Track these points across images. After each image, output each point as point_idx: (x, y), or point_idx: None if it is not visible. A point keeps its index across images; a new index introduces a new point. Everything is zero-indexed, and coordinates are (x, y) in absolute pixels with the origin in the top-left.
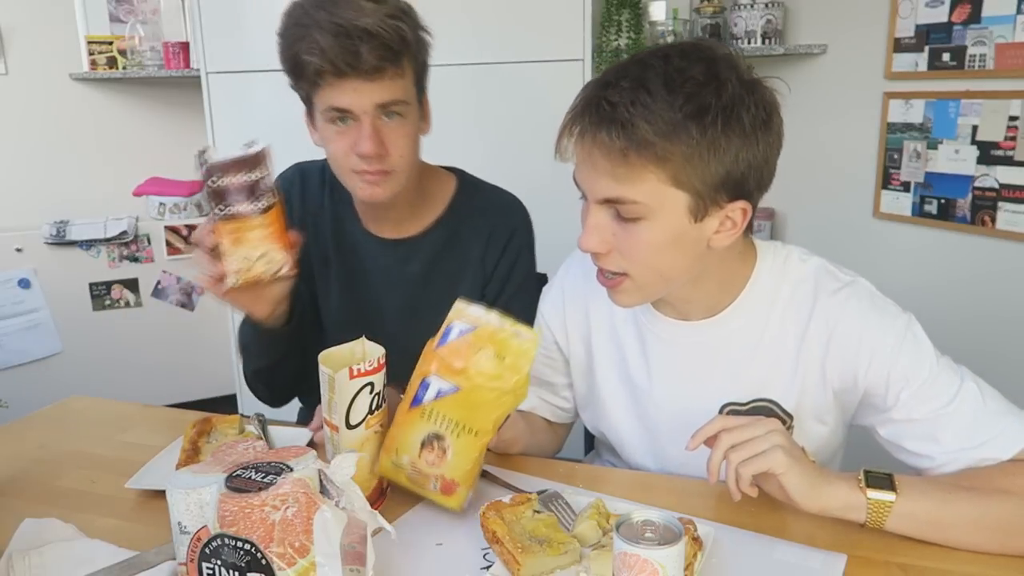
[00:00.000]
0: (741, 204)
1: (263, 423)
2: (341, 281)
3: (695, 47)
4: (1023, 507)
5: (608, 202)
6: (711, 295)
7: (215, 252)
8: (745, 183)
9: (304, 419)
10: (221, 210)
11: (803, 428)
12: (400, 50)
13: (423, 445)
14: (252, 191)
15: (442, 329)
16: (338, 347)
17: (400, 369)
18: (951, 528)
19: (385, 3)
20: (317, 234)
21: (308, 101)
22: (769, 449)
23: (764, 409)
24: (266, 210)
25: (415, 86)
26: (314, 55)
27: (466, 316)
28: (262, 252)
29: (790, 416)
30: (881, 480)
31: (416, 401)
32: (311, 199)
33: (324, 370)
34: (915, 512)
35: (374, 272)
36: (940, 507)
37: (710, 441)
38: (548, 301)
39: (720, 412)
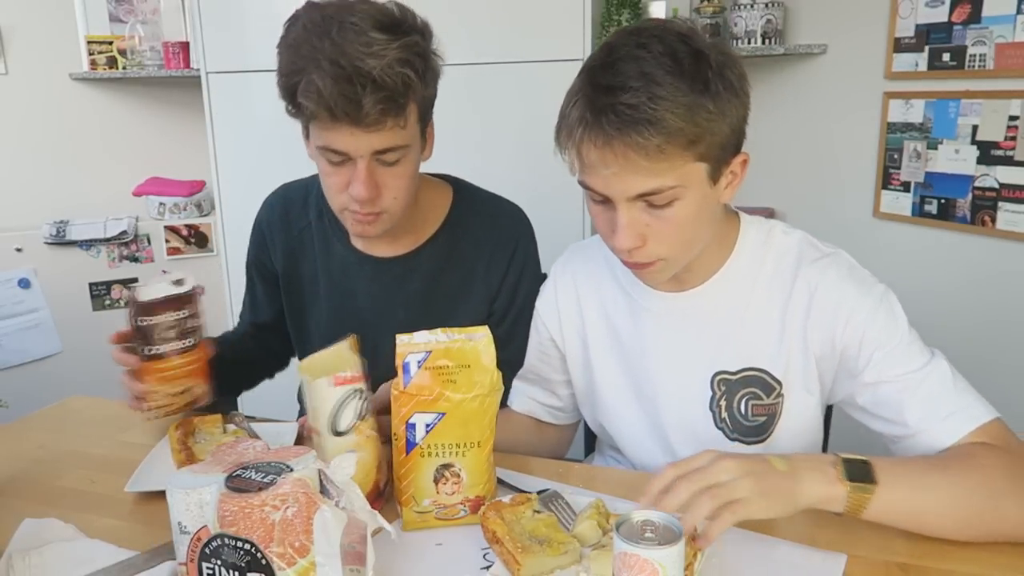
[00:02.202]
0: (741, 157)
1: (246, 420)
2: (331, 303)
3: (661, 28)
4: (989, 488)
5: (641, 196)
6: (704, 257)
7: (135, 373)
8: (741, 136)
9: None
10: (148, 351)
11: (792, 397)
12: (406, 99)
13: (436, 480)
14: (179, 330)
15: (399, 369)
16: (320, 353)
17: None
18: (925, 515)
19: (397, 34)
20: (304, 254)
21: (304, 125)
22: (743, 499)
23: (754, 378)
24: (191, 348)
25: (419, 123)
26: (311, 99)
27: (414, 346)
28: (184, 388)
29: (779, 383)
30: (860, 469)
31: (410, 446)
32: (296, 220)
33: (304, 378)
34: (893, 500)
35: (367, 293)
36: (915, 494)
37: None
38: (543, 299)
39: (712, 381)
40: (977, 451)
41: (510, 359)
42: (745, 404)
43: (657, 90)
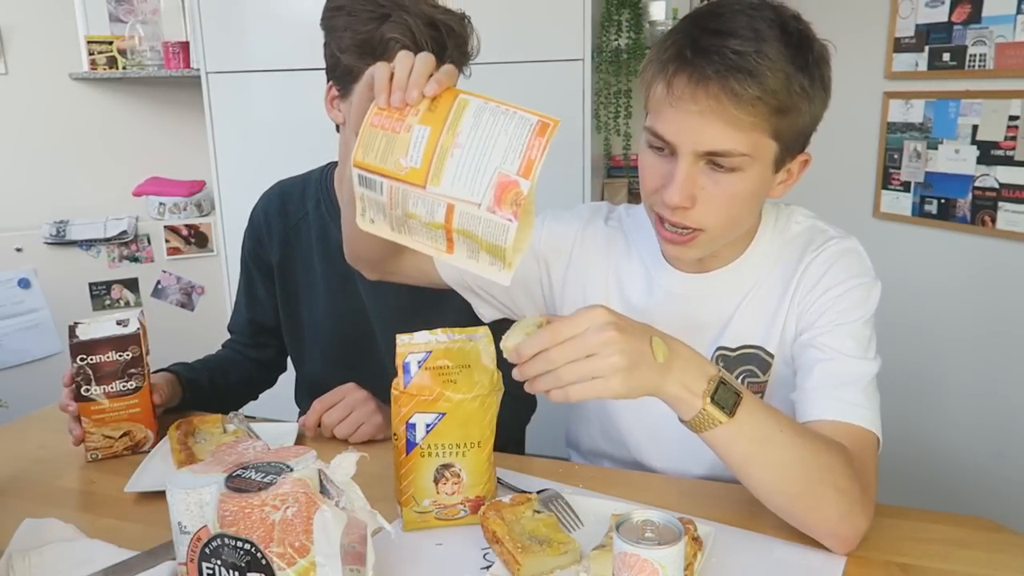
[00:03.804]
0: (803, 156)
1: (246, 420)
2: (329, 285)
3: (777, 1)
4: (824, 477)
5: (710, 154)
6: (732, 245)
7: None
8: (810, 135)
9: None
10: (84, 391)
11: (777, 370)
12: (469, 54)
13: (436, 481)
14: (122, 372)
15: (400, 369)
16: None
17: (390, 371)
18: (753, 466)
19: (451, 11)
20: (299, 242)
21: (349, 78)
22: (606, 377)
23: (752, 356)
24: (135, 391)
25: None
26: (405, 35)
27: (414, 346)
28: (125, 431)
29: (772, 356)
30: (727, 398)
31: (410, 446)
32: (293, 212)
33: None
34: (734, 439)
35: (366, 280)
36: (756, 445)
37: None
38: (562, 223)
39: (711, 356)
40: (838, 446)
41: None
42: (742, 382)
43: (764, 47)
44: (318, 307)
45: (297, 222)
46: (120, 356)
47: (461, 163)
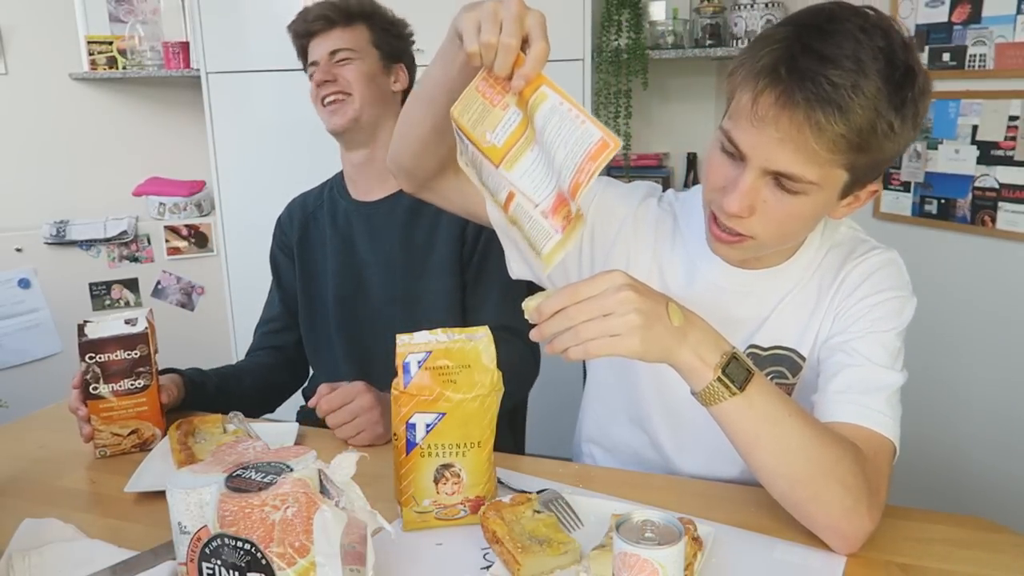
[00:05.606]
0: (874, 185)
1: (246, 420)
2: (335, 248)
3: (888, 24)
4: (831, 468)
5: (778, 173)
6: (781, 251)
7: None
8: (887, 167)
9: (303, 419)
10: (93, 389)
11: (806, 379)
12: (348, 13)
13: (437, 481)
14: (130, 371)
15: (399, 368)
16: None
17: (389, 321)
18: (759, 447)
19: None
20: (316, 220)
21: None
22: (622, 335)
23: (784, 357)
24: (143, 389)
25: (372, 45)
26: (297, 24)
27: (414, 346)
28: (133, 429)
29: (804, 359)
30: (738, 373)
31: (410, 445)
32: (311, 203)
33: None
34: (741, 416)
35: (363, 233)
36: (764, 424)
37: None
38: (617, 198)
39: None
40: (850, 443)
41: (484, 280)
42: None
43: (863, 82)
44: (328, 270)
45: (315, 208)
46: (128, 355)
47: (537, 162)
